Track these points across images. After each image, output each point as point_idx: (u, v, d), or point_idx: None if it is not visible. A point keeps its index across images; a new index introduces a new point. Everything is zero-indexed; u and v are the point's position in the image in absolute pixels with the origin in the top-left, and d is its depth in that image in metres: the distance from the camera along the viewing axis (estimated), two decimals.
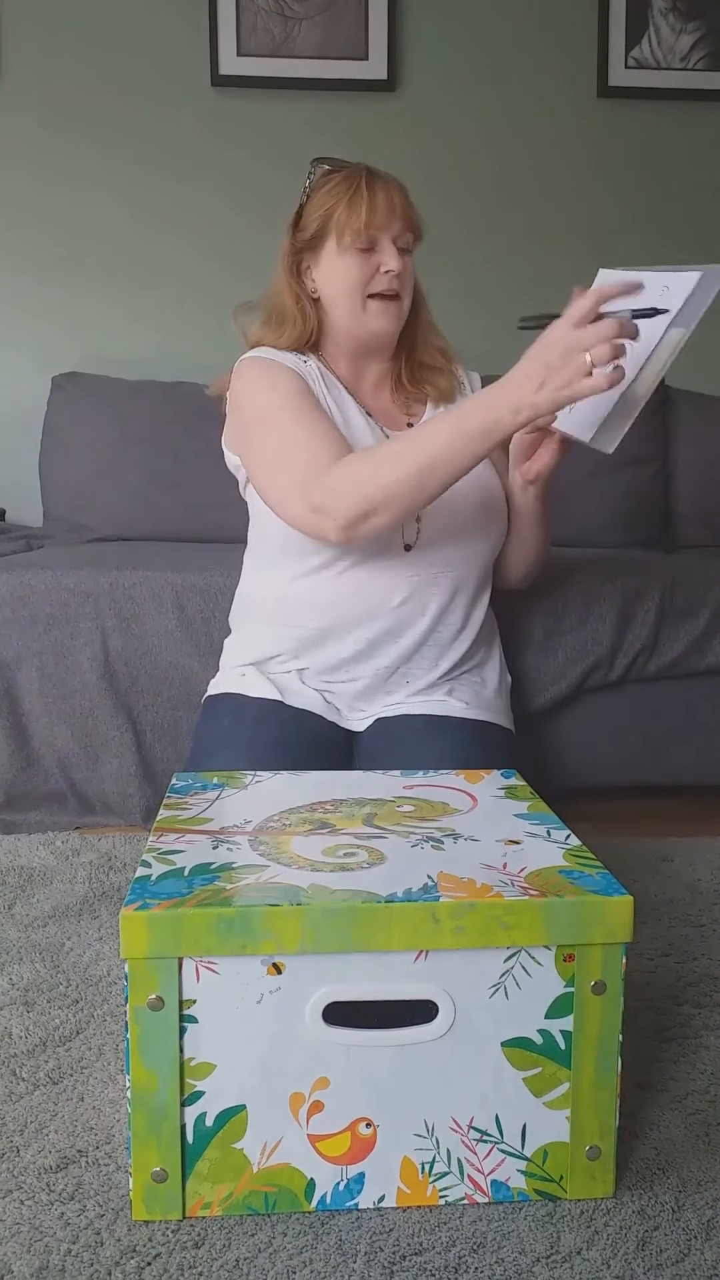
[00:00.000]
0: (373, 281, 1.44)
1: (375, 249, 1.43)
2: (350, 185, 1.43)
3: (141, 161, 2.57)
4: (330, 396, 1.46)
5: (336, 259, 1.44)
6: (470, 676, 1.51)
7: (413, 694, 1.47)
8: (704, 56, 2.59)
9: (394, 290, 1.44)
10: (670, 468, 2.46)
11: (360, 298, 1.44)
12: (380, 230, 1.42)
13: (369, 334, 1.47)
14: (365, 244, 1.42)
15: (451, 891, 0.85)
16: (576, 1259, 0.82)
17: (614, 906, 0.85)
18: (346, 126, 2.56)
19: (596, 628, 1.77)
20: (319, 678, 1.47)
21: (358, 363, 1.52)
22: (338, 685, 1.47)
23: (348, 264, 1.43)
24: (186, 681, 1.75)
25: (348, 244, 1.42)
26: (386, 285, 1.43)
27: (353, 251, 1.43)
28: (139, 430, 2.35)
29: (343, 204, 1.42)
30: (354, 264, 1.43)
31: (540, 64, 2.60)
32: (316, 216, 1.44)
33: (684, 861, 1.64)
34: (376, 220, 1.41)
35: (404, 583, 1.43)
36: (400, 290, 1.45)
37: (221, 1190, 0.85)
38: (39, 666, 1.75)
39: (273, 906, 0.82)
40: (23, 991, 1.22)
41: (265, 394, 1.42)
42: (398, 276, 1.43)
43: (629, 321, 1.12)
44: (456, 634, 1.48)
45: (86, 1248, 0.82)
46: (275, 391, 1.41)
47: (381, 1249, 0.82)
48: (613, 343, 1.09)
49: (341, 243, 1.43)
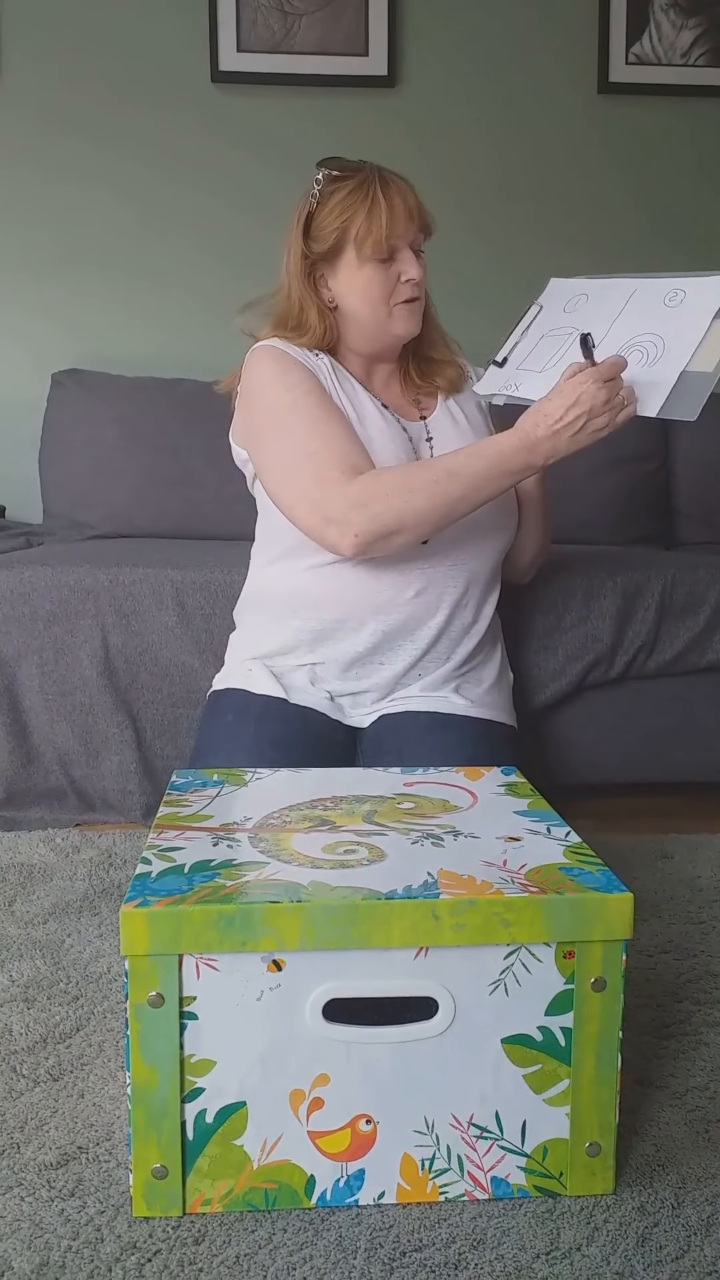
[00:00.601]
0: (396, 291, 1.43)
1: (395, 258, 1.42)
2: (366, 195, 1.40)
3: (141, 158, 2.57)
4: (342, 390, 1.45)
5: (356, 271, 1.42)
6: (475, 673, 1.51)
7: (422, 689, 1.47)
8: (705, 53, 2.59)
9: (417, 295, 1.45)
10: (670, 465, 2.46)
11: (386, 307, 1.44)
12: (400, 239, 1.42)
13: (393, 338, 1.47)
14: (386, 254, 1.42)
15: (451, 888, 0.85)
16: (576, 1255, 0.82)
17: (614, 903, 0.85)
18: (347, 123, 2.56)
19: (597, 625, 1.77)
20: (335, 679, 1.46)
21: (370, 361, 1.52)
22: (349, 693, 1.47)
23: (369, 276, 1.42)
24: (187, 678, 1.75)
25: (368, 255, 1.41)
26: (411, 293, 1.43)
27: (373, 263, 1.41)
28: (139, 427, 2.35)
29: (361, 216, 1.39)
30: (376, 277, 1.42)
31: (541, 60, 2.59)
32: (333, 229, 1.41)
33: (684, 858, 1.64)
34: (397, 231, 1.40)
35: (419, 575, 1.43)
36: (420, 293, 1.45)
37: (222, 1187, 0.85)
38: (39, 663, 1.75)
39: (273, 903, 0.82)
40: (23, 988, 1.22)
41: (279, 393, 1.40)
42: (418, 282, 1.43)
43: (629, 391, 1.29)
44: (468, 629, 1.48)
45: (87, 1244, 0.82)
46: (290, 392, 1.40)
47: (381, 1245, 0.82)
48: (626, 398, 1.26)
49: (362, 254, 1.41)
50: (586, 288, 1.48)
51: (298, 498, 1.36)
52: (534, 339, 1.48)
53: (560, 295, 1.51)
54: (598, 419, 1.27)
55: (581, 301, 1.46)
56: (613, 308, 1.41)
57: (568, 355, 1.38)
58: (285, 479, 1.38)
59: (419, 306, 1.46)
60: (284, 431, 1.39)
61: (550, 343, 1.45)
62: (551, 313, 1.49)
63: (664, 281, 1.40)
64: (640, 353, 1.33)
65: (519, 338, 1.50)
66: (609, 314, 1.41)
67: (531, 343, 1.48)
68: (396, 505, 1.30)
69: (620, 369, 1.27)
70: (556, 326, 1.46)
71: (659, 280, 1.40)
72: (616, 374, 1.27)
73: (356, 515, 1.31)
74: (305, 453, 1.36)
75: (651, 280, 1.41)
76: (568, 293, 1.50)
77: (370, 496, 1.30)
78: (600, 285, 1.47)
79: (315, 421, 1.37)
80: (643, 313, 1.38)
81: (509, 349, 1.49)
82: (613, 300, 1.42)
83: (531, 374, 1.44)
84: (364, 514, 1.30)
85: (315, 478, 1.34)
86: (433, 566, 1.43)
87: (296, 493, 1.36)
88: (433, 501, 1.30)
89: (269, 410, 1.41)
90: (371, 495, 1.30)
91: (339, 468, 1.33)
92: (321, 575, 1.43)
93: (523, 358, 1.47)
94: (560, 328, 1.45)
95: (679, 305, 1.35)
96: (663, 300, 1.37)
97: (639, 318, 1.38)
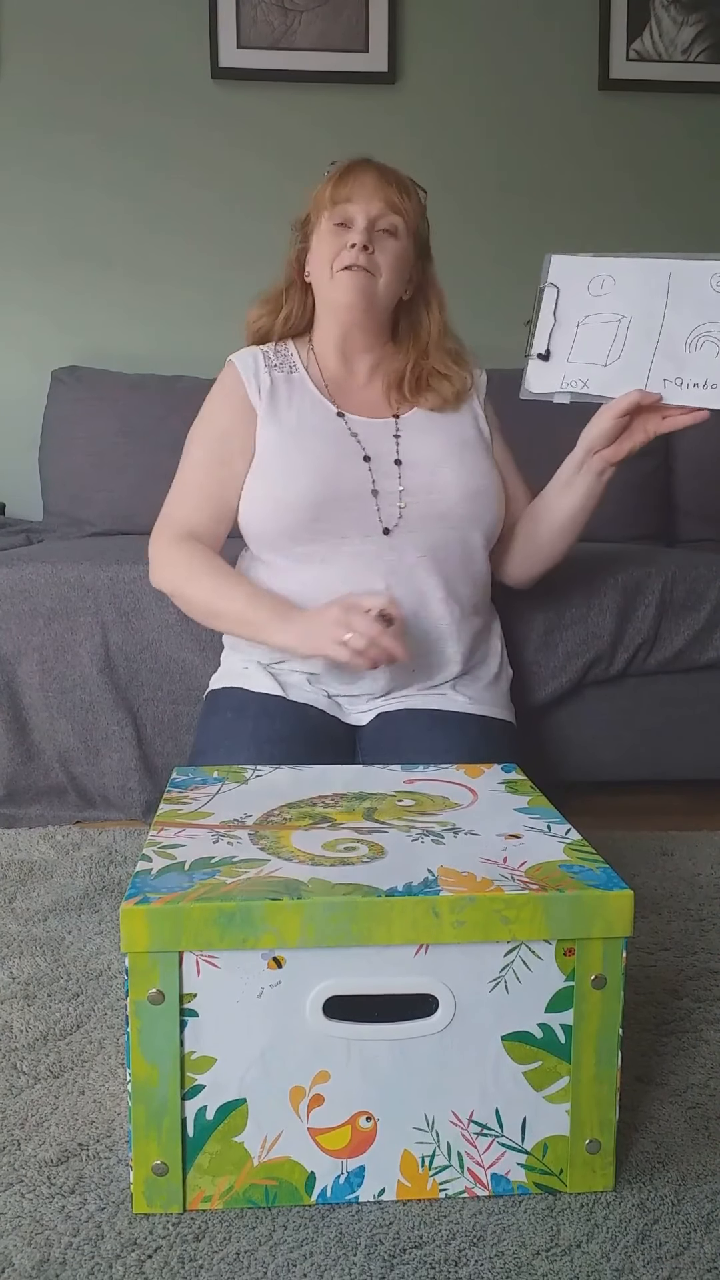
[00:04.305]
0: (339, 256, 1.44)
1: (351, 227, 1.44)
2: (340, 168, 1.47)
3: (142, 155, 2.56)
4: (290, 400, 1.49)
5: (317, 238, 1.47)
6: (474, 670, 1.51)
7: (420, 688, 1.47)
8: (705, 49, 2.59)
9: (360, 264, 1.43)
10: (671, 462, 2.46)
11: (328, 270, 1.46)
12: (354, 206, 1.43)
13: (336, 306, 1.48)
14: (340, 219, 1.44)
15: (452, 886, 0.85)
16: (576, 1252, 0.82)
17: (614, 901, 0.85)
18: (347, 119, 2.55)
19: (597, 622, 1.77)
20: (332, 682, 1.46)
21: (348, 354, 1.53)
22: (347, 695, 1.47)
23: (322, 237, 1.46)
24: (187, 675, 1.75)
25: (326, 219, 1.45)
26: (351, 259, 1.43)
27: (330, 227, 1.45)
28: (139, 424, 2.35)
29: (327, 183, 1.46)
30: (328, 238, 1.45)
31: (541, 56, 2.59)
32: (310, 202, 1.49)
33: (684, 856, 1.64)
34: (347, 193, 1.43)
35: (383, 564, 1.43)
36: (371, 268, 1.44)
37: (222, 1183, 0.86)
38: (39, 661, 1.75)
39: (273, 900, 0.82)
40: (23, 985, 1.22)
41: (202, 422, 1.54)
42: (365, 251, 1.43)
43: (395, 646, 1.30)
44: (457, 623, 1.47)
45: (87, 1241, 0.82)
46: (206, 424, 1.53)
47: (381, 1242, 0.83)
48: (371, 640, 1.28)
49: (320, 218, 1.46)
50: (604, 268, 1.42)
51: (162, 514, 1.53)
52: (570, 326, 1.42)
53: (574, 275, 1.43)
54: (320, 639, 1.31)
55: (609, 284, 1.41)
56: (654, 294, 1.38)
57: (631, 346, 1.37)
58: (171, 495, 1.54)
59: (364, 280, 1.44)
60: (187, 452, 1.54)
61: (598, 331, 1.40)
62: (575, 295, 1.42)
63: (698, 264, 1.37)
64: (715, 346, 1.34)
65: (551, 324, 1.42)
66: (654, 301, 1.38)
67: (570, 331, 1.42)
68: (178, 581, 1.47)
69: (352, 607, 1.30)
70: (594, 312, 1.41)
71: (691, 262, 1.38)
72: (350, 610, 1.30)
73: (156, 563, 1.49)
74: (182, 480, 1.53)
75: (682, 262, 1.38)
76: (582, 272, 1.43)
77: (169, 558, 1.48)
78: (619, 265, 1.41)
79: (200, 464, 1.51)
80: (696, 300, 1.36)
81: (546, 339, 1.42)
82: (651, 285, 1.39)
83: (594, 368, 1.40)
84: (161, 565, 1.49)
85: (165, 510, 1.52)
86: (398, 557, 1.43)
87: (164, 510, 1.53)
88: (196, 599, 1.46)
89: (192, 429, 1.55)
90: (170, 559, 1.48)
91: (176, 519, 1.50)
92: (292, 574, 1.46)
93: (568, 348, 1.41)
94: (599, 313, 1.40)
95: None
96: (710, 284, 1.36)
97: (693, 306, 1.36)
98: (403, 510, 1.44)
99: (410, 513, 1.44)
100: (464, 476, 1.47)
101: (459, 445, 1.50)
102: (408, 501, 1.45)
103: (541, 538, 1.55)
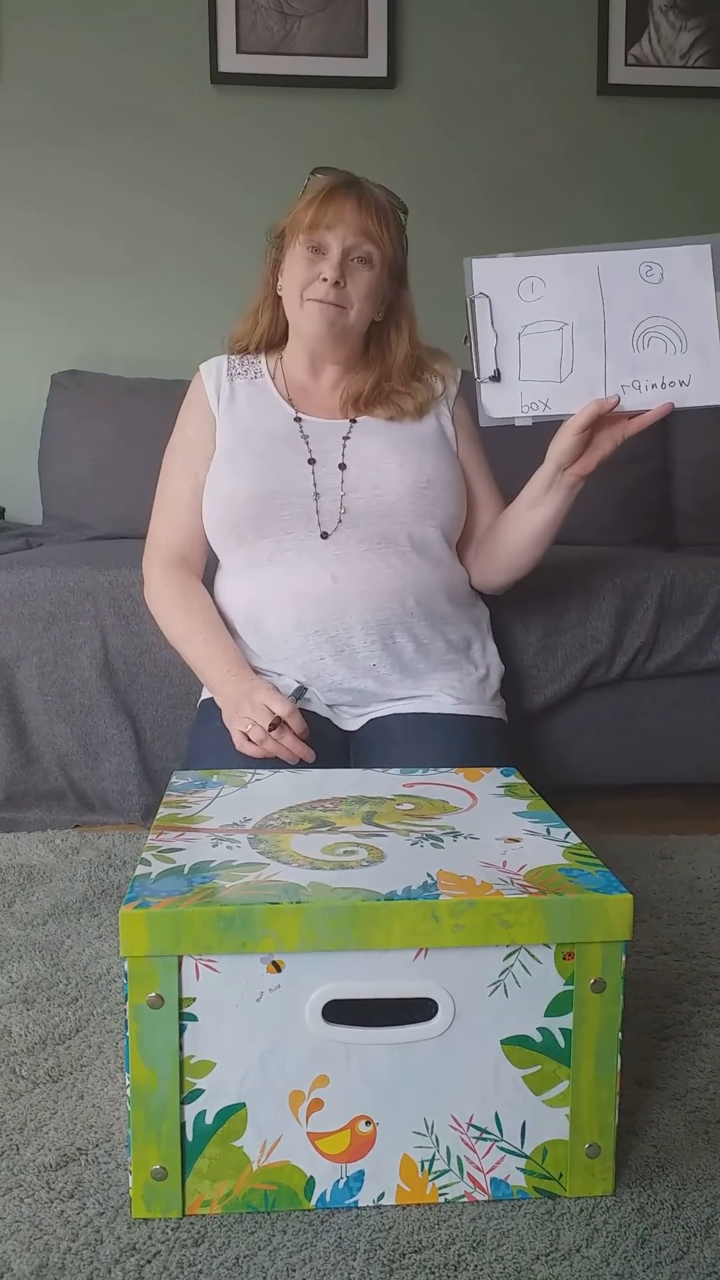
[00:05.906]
0: (310, 287, 1.43)
1: (325, 254, 1.42)
2: (320, 187, 1.44)
3: (141, 160, 2.57)
4: (239, 393, 1.53)
5: (291, 258, 1.46)
6: (461, 669, 1.51)
7: (407, 690, 1.47)
8: (704, 54, 2.59)
9: (329, 299, 1.42)
10: (670, 466, 2.46)
11: (298, 297, 1.45)
12: (328, 233, 1.41)
13: (304, 335, 1.48)
14: (313, 244, 1.42)
15: (451, 889, 0.85)
16: (576, 1256, 0.82)
17: (613, 904, 0.85)
18: (346, 124, 2.56)
19: (596, 626, 1.77)
20: (321, 691, 1.48)
21: (316, 362, 1.53)
22: (338, 704, 1.49)
23: (294, 262, 1.45)
24: (186, 679, 1.75)
25: (300, 242, 1.43)
26: (322, 294, 1.42)
27: (304, 250, 1.43)
28: (138, 428, 2.34)
29: (304, 203, 1.44)
30: (300, 264, 1.44)
31: (540, 62, 2.60)
32: (286, 216, 1.47)
33: (684, 859, 1.64)
34: (323, 219, 1.41)
35: (331, 559, 1.44)
36: (342, 301, 1.43)
37: (221, 1188, 0.85)
38: (38, 665, 1.75)
39: (272, 905, 0.82)
40: (22, 989, 1.22)
41: (176, 435, 1.58)
42: (336, 287, 1.41)
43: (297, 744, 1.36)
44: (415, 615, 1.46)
45: (86, 1245, 0.82)
46: (177, 434, 1.58)
47: (381, 1247, 0.82)
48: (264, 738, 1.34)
49: (294, 240, 1.44)
50: (529, 268, 1.36)
51: (150, 527, 1.57)
52: (511, 340, 1.37)
53: (500, 279, 1.37)
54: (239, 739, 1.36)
55: (539, 286, 1.36)
56: (588, 294, 1.35)
57: (580, 357, 1.34)
58: (155, 505, 1.58)
59: (334, 313, 1.43)
60: (164, 474, 1.58)
61: (542, 343, 1.36)
62: (507, 302, 1.37)
63: (623, 254, 1.34)
64: (662, 343, 1.32)
65: (492, 340, 1.37)
66: (590, 303, 1.34)
67: (513, 345, 1.37)
68: (158, 613, 1.54)
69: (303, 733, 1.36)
70: (531, 320, 1.36)
71: (616, 253, 1.34)
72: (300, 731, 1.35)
73: (146, 588, 1.56)
74: (167, 494, 1.56)
75: (606, 254, 1.35)
76: (509, 275, 1.37)
77: (152, 593, 1.55)
78: (543, 264, 1.36)
79: (175, 475, 1.55)
80: (630, 295, 1.34)
81: (493, 358, 1.37)
82: (581, 283, 1.35)
83: (551, 385, 1.36)
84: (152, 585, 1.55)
85: (152, 531, 1.57)
86: (343, 551, 1.44)
87: (152, 523, 1.57)
88: (172, 632, 1.52)
89: (169, 445, 1.59)
90: (154, 593, 1.54)
91: (161, 539, 1.55)
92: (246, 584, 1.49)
93: (517, 365, 1.37)
94: (538, 321, 1.36)
95: (662, 282, 1.33)
96: (640, 275, 1.33)
97: (630, 302, 1.34)
98: (343, 514, 1.45)
99: (353, 511, 1.45)
100: (410, 471, 1.47)
101: (408, 443, 1.50)
102: (349, 504, 1.45)
103: (511, 548, 1.51)
